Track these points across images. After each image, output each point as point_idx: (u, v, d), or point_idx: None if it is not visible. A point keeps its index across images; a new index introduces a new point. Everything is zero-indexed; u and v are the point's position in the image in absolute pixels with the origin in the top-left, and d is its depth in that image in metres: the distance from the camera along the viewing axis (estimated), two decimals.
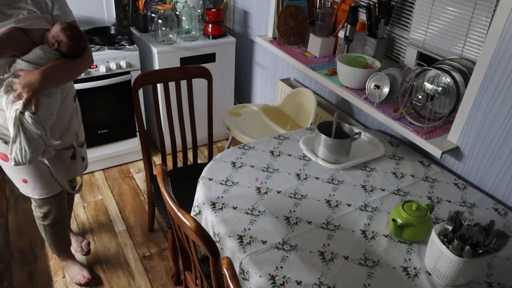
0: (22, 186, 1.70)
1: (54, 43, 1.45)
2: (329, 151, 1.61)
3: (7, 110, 1.41)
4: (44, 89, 1.44)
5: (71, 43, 1.47)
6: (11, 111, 1.40)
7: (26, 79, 1.39)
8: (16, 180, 1.68)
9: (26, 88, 1.38)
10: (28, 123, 1.41)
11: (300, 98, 2.27)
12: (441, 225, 1.18)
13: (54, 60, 1.45)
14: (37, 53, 1.42)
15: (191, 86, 2.04)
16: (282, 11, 2.33)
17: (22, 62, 1.41)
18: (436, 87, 1.63)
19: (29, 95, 1.39)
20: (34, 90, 1.39)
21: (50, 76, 1.43)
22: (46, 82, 1.42)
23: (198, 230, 1.09)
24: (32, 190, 1.69)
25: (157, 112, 2.02)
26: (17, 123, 1.39)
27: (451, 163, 1.71)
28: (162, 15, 2.58)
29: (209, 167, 1.58)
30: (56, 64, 1.45)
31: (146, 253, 2.23)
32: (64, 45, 1.46)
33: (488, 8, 1.56)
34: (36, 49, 1.43)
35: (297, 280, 1.14)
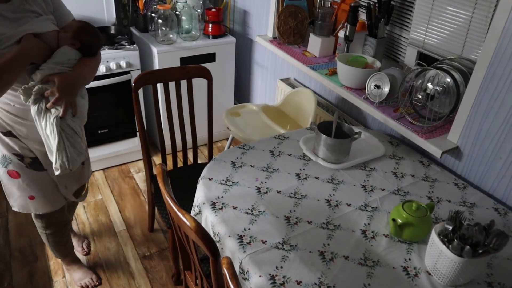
0: (24, 204, 1.62)
1: (75, 42, 1.42)
2: (329, 151, 1.61)
3: (41, 119, 1.36)
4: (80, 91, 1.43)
5: (93, 40, 1.46)
6: (47, 119, 1.35)
7: (63, 83, 1.34)
8: (22, 197, 1.60)
9: (65, 92, 1.34)
10: (70, 128, 1.38)
11: (300, 98, 2.27)
12: (441, 225, 1.18)
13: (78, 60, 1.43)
14: (64, 54, 1.38)
15: (191, 86, 2.04)
16: (282, 11, 2.33)
17: (52, 66, 1.36)
18: (436, 87, 1.63)
19: (69, 99, 1.36)
20: (74, 93, 1.38)
21: (84, 76, 1.43)
22: (83, 82, 1.42)
23: (198, 230, 1.09)
24: (36, 206, 1.64)
25: (157, 112, 2.02)
26: (59, 129, 1.35)
27: (451, 163, 1.71)
28: (162, 15, 2.58)
29: (209, 167, 1.58)
30: (84, 64, 1.43)
31: (146, 253, 2.23)
32: (87, 43, 1.44)
33: (488, 8, 1.56)
34: (62, 51, 1.39)
35: (297, 280, 1.14)
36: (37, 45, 1.34)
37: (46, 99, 1.34)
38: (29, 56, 1.31)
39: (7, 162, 1.51)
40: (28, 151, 1.51)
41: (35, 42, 1.33)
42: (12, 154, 1.50)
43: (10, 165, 1.51)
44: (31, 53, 1.31)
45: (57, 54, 1.37)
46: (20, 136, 1.48)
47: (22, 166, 1.52)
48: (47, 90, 1.33)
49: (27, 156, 1.52)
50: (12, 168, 1.52)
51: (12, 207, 1.66)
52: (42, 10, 1.42)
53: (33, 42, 1.33)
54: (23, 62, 1.30)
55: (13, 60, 1.26)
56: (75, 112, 1.40)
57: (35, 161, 1.53)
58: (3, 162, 1.52)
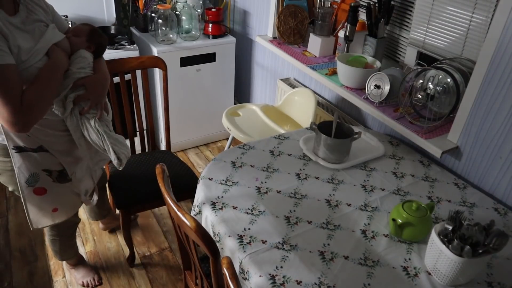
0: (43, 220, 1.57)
1: (91, 45, 1.46)
2: (329, 151, 1.61)
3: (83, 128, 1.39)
4: None
5: (104, 42, 1.51)
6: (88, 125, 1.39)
7: (94, 85, 1.39)
8: (45, 212, 1.55)
9: (98, 94, 1.39)
10: (106, 126, 1.44)
11: (300, 98, 2.27)
12: (441, 224, 1.18)
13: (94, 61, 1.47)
14: (84, 58, 1.42)
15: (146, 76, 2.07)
16: (282, 11, 2.33)
17: (77, 71, 1.38)
18: (436, 87, 1.63)
19: (102, 99, 1.42)
20: (105, 93, 1.43)
21: (108, 75, 1.48)
22: (108, 81, 1.48)
23: (198, 230, 1.09)
24: (58, 216, 1.61)
25: None
26: (103, 129, 1.40)
27: (451, 163, 1.71)
28: (162, 15, 2.57)
29: (209, 167, 1.58)
30: (101, 64, 1.48)
31: (146, 253, 2.23)
32: (100, 45, 1.49)
33: (488, 8, 1.56)
34: (81, 55, 1.42)
35: (297, 280, 1.14)
36: (64, 54, 1.37)
37: (78, 106, 1.38)
38: (63, 66, 1.34)
39: (35, 180, 1.47)
40: (57, 164, 1.50)
41: (61, 53, 1.36)
42: (41, 170, 1.47)
43: (38, 182, 1.48)
44: (63, 63, 1.34)
45: (78, 59, 1.40)
46: (50, 149, 1.45)
47: (50, 181, 1.51)
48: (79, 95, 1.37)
49: (55, 170, 1.50)
50: (39, 185, 1.49)
51: (31, 226, 1.57)
52: (45, 19, 1.40)
53: (60, 52, 1.35)
54: (60, 73, 1.33)
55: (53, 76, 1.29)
56: (108, 110, 1.46)
57: (62, 173, 1.53)
58: (30, 181, 1.47)
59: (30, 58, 1.26)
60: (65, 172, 1.54)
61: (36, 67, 1.27)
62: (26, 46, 1.25)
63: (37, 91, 1.24)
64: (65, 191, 1.59)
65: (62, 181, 1.55)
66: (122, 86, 2.02)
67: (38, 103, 1.24)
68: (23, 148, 1.41)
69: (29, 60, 1.25)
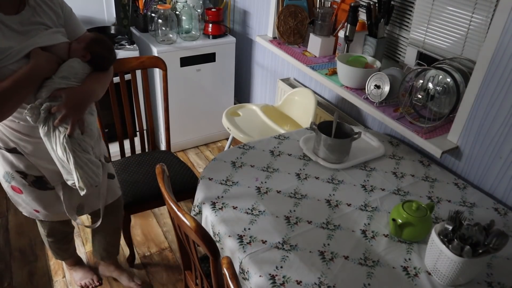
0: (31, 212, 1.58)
1: (86, 55, 1.34)
2: (329, 151, 1.61)
3: (51, 140, 1.27)
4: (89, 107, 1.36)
5: (106, 54, 1.39)
6: (57, 139, 1.26)
7: (71, 99, 1.25)
8: (27, 207, 1.55)
9: (73, 108, 1.25)
10: (80, 146, 1.30)
11: (300, 98, 2.27)
12: (441, 224, 1.18)
13: (88, 74, 1.34)
14: (71, 67, 1.30)
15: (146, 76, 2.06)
16: (282, 11, 2.33)
17: (56, 81, 1.26)
18: (436, 87, 1.63)
19: (77, 116, 1.27)
20: (82, 110, 1.29)
21: (93, 92, 1.34)
22: (92, 98, 1.34)
23: (198, 230, 1.09)
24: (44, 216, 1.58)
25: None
26: (71, 148, 1.27)
27: (451, 163, 1.71)
28: (162, 15, 2.57)
29: (209, 167, 1.58)
30: (94, 78, 1.35)
31: (146, 253, 2.23)
32: (98, 56, 1.36)
33: (488, 8, 1.56)
34: (68, 64, 1.30)
35: (297, 280, 1.14)
36: (47, 60, 1.26)
37: (54, 116, 1.25)
38: (39, 73, 1.24)
39: (10, 178, 1.44)
40: (34, 170, 1.43)
41: (44, 57, 1.25)
42: (15, 171, 1.42)
43: (13, 181, 1.45)
44: (41, 70, 1.24)
45: (63, 68, 1.29)
46: (25, 153, 1.39)
47: (25, 184, 1.45)
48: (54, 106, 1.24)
49: (31, 174, 1.43)
50: (14, 184, 1.45)
51: (22, 212, 1.61)
52: (52, 23, 1.34)
53: (42, 57, 1.25)
54: (34, 80, 1.23)
55: (23, 79, 1.19)
56: (83, 130, 1.31)
57: (39, 180, 1.45)
58: (6, 177, 1.45)
59: (4, 59, 1.18)
60: (45, 180, 1.45)
61: (10, 69, 1.19)
62: (4, 45, 1.18)
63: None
64: (45, 198, 1.50)
65: (40, 187, 1.47)
66: (122, 86, 2.02)
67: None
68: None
69: (2, 60, 1.18)
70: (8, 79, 1.16)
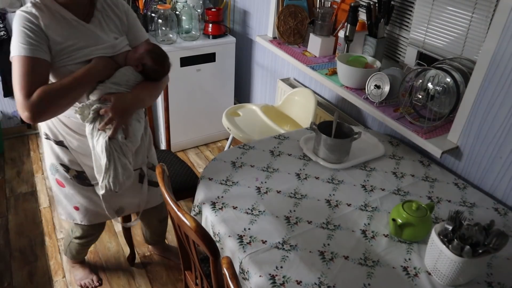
0: (70, 212, 1.62)
1: (139, 65, 1.40)
2: (329, 151, 1.61)
3: (94, 137, 1.35)
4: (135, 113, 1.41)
5: (157, 67, 1.42)
6: (99, 138, 1.33)
7: (119, 103, 1.32)
8: (67, 206, 1.60)
9: (119, 113, 1.32)
10: (120, 149, 1.36)
11: (300, 98, 2.27)
12: (441, 224, 1.18)
13: (139, 82, 1.40)
14: (123, 75, 1.37)
15: None
16: (282, 11, 2.33)
17: (108, 85, 1.34)
18: (436, 87, 1.63)
19: (122, 120, 1.34)
20: (128, 115, 1.36)
21: (141, 100, 1.40)
22: (138, 105, 1.40)
23: (198, 230, 1.09)
24: (81, 217, 1.63)
25: None
26: (108, 149, 1.33)
27: (451, 163, 1.71)
28: (162, 15, 2.58)
29: (209, 167, 1.58)
30: (144, 87, 1.40)
31: (146, 252, 2.23)
32: (149, 68, 1.41)
33: (488, 8, 1.56)
34: (122, 71, 1.37)
35: (297, 280, 1.14)
36: (105, 64, 1.34)
37: (101, 118, 1.32)
38: (96, 76, 1.32)
39: (54, 171, 1.52)
40: (76, 165, 1.51)
41: (103, 62, 1.33)
42: (59, 164, 1.50)
43: (57, 174, 1.52)
44: (98, 73, 1.32)
45: (117, 74, 1.36)
46: (70, 148, 1.47)
47: (67, 177, 1.52)
48: (102, 109, 1.31)
49: (73, 169, 1.51)
50: (58, 177, 1.53)
51: (60, 215, 1.67)
52: (116, 29, 1.42)
53: (101, 61, 1.33)
54: (90, 81, 1.31)
55: (81, 78, 1.27)
56: (126, 135, 1.37)
57: (80, 175, 1.52)
58: (51, 170, 1.53)
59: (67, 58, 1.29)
60: (85, 175, 1.53)
61: (69, 69, 1.29)
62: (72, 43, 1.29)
63: (52, 92, 1.23)
64: (86, 194, 1.56)
65: (81, 183, 1.54)
66: None
67: (47, 103, 1.23)
68: (48, 136, 1.48)
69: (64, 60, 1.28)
70: (68, 77, 1.26)
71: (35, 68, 1.22)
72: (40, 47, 1.23)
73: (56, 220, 2.40)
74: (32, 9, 1.25)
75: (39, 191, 2.61)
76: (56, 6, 1.29)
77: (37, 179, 2.72)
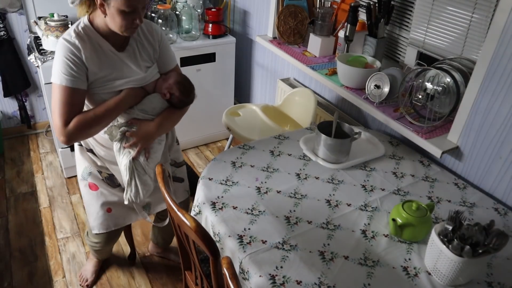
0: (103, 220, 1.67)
1: (166, 93, 1.50)
2: (329, 151, 1.61)
3: (119, 155, 1.49)
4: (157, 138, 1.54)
5: (183, 98, 1.52)
6: (124, 157, 1.48)
7: (143, 130, 1.46)
8: (99, 212, 1.65)
9: (143, 139, 1.47)
10: (142, 169, 1.51)
11: (300, 98, 2.27)
12: (441, 224, 1.18)
13: (165, 109, 1.52)
14: (150, 102, 1.49)
15: None
16: (282, 11, 2.33)
17: (136, 112, 1.47)
18: (436, 87, 1.63)
19: (145, 144, 1.48)
20: (150, 141, 1.49)
21: (164, 127, 1.53)
22: (161, 132, 1.53)
23: (198, 230, 1.09)
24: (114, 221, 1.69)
25: None
26: (131, 168, 1.48)
27: (451, 163, 1.71)
28: (162, 15, 2.57)
29: (209, 167, 1.58)
30: (168, 115, 1.52)
31: (146, 252, 2.23)
32: (175, 98, 1.51)
33: (488, 8, 1.56)
34: (149, 99, 1.49)
35: (297, 280, 1.14)
36: (135, 94, 1.46)
37: (127, 138, 1.47)
38: (126, 105, 1.45)
39: (87, 175, 1.62)
40: (106, 169, 1.64)
41: (134, 92, 1.45)
42: (92, 165, 1.62)
43: (89, 177, 1.62)
44: (128, 102, 1.45)
45: (144, 101, 1.48)
46: (99, 156, 1.62)
47: (100, 179, 1.63)
48: (128, 132, 1.46)
49: (104, 172, 1.64)
50: (91, 180, 1.62)
51: (92, 230, 1.70)
52: (149, 58, 1.51)
53: (132, 92, 1.45)
54: (121, 109, 1.44)
55: (113, 108, 1.41)
56: (148, 156, 1.51)
57: (111, 176, 1.64)
58: (83, 174, 1.63)
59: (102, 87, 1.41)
60: (115, 178, 1.64)
61: (101, 97, 1.42)
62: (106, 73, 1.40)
63: (86, 122, 1.37)
64: (118, 195, 1.65)
65: (112, 185, 1.65)
66: None
67: (81, 131, 1.38)
68: (80, 143, 1.62)
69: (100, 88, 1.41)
70: (101, 106, 1.40)
71: (74, 98, 1.36)
72: (80, 78, 1.35)
73: (56, 220, 2.40)
74: (76, 40, 1.35)
75: (39, 191, 2.61)
76: (96, 35, 1.39)
77: (37, 179, 2.72)
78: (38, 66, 2.38)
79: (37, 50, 2.43)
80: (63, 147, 2.60)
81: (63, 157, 2.63)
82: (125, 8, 1.29)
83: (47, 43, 2.38)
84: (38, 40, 2.53)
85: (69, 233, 2.31)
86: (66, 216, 2.43)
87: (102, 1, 1.30)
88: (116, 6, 1.29)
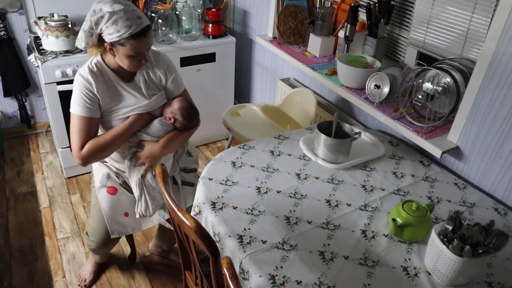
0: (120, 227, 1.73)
1: (171, 118, 1.63)
2: (329, 151, 1.61)
3: (131, 172, 1.65)
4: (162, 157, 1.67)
5: (186, 123, 1.66)
6: (134, 174, 1.65)
7: (149, 150, 1.62)
8: (117, 216, 1.72)
9: (149, 158, 1.62)
10: (150, 185, 1.65)
11: (300, 98, 2.27)
12: (441, 224, 1.18)
13: (170, 131, 1.65)
14: (156, 127, 1.63)
15: None
16: (282, 11, 2.33)
17: (142, 134, 1.62)
18: (436, 87, 1.63)
19: (152, 163, 1.63)
20: (156, 160, 1.63)
21: (168, 148, 1.66)
22: (165, 152, 1.66)
23: (198, 230, 1.09)
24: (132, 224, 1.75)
25: None
26: (141, 184, 1.64)
27: (451, 163, 1.71)
28: (162, 15, 2.58)
29: (209, 167, 1.58)
30: (172, 137, 1.65)
31: (146, 252, 2.23)
32: (179, 123, 1.65)
33: (488, 8, 1.56)
34: (155, 123, 1.63)
35: (297, 280, 1.14)
36: (141, 120, 1.62)
37: (137, 157, 1.64)
38: (133, 130, 1.61)
39: (106, 179, 1.72)
40: (121, 176, 1.76)
41: (140, 118, 1.61)
42: (112, 170, 1.75)
43: (109, 181, 1.72)
44: (135, 128, 1.61)
45: (151, 125, 1.63)
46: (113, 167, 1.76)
47: (118, 182, 1.73)
48: (138, 151, 1.63)
49: (121, 177, 1.76)
50: (110, 184, 1.72)
51: (112, 235, 1.72)
52: (155, 86, 1.65)
53: (138, 118, 1.60)
54: (129, 134, 1.60)
55: (121, 134, 1.57)
56: (155, 174, 1.63)
57: (126, 184, 1.74)
58: (103, 180, 1.72)
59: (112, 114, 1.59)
60: (129, 184, 1.72)
61: (111, 124, 1.60)
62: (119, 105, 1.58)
63: (98, 147, 1.54)
64: (132, 198, 1.72)
65: (128, 189, 1.74)
66: None
67: (94, 155, 1.55)
68: None
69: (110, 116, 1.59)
70: (110, 132, 1.57)
71: (88, 126, 1.54)
72: (93, 109, 1.54)
73: (56, 220, 2.40)
74: (89, 75, 1.52)
75: (39, 191, 2.61)
76: (107, 70, 1.57)
77: (37, 179, 2.72)
78: (38, 66, 2.38)
79: (37, 50, 2.43)
80: (63, 147, 2.60)
81: (63, 157, 2.63)
82: (132, 54, 1.46)
83: (47, 43, 2.38)
84: (38, 40, 2.53)
85: (69, 233, 2.31)
86: (66, 216, 2.43)
87: (111, 46, 1.46)
88: (124, 52, 1.46)
